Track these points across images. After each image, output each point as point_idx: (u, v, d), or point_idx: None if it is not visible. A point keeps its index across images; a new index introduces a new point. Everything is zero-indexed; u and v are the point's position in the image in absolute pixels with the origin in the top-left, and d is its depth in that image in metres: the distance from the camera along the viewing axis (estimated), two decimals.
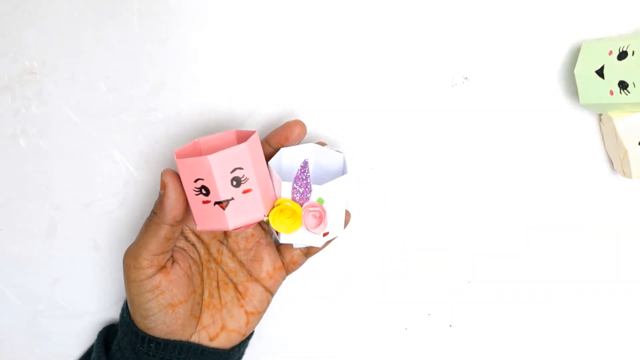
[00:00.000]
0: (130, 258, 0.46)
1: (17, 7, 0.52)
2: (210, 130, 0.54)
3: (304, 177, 0.45)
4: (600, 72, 0.50)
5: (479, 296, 0.57)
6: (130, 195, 0.56)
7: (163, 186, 0.45)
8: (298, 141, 0.50)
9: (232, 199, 0.44)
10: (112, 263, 0.57)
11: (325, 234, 0.47)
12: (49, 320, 0.58)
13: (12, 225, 0.56)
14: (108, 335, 0.54)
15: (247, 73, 0.53)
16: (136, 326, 0.48)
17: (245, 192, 0.44)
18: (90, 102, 0.54)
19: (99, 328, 0.58)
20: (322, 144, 0.50)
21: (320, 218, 0.46)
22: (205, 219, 0.45)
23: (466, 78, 0.53)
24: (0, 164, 0.55)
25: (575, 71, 0.52)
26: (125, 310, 0.50)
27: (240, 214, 0.44)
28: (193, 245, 0.50)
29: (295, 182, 0.45)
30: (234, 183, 0.44)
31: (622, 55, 0.49)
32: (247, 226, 0.45)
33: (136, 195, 0.56)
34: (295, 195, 0.46)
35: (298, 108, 0.54)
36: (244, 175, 0.44)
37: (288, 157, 0.49)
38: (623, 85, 0.49)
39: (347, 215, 0.51)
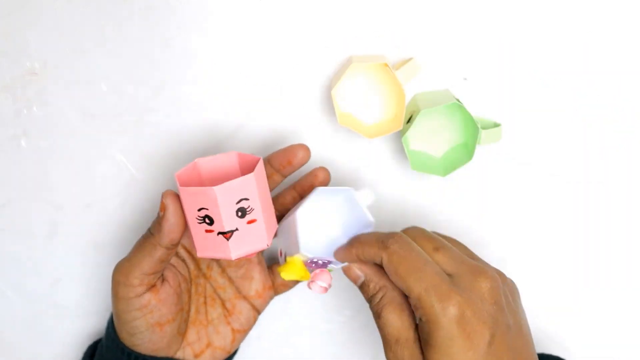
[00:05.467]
0: (121, 274, 0.45)
1: (18, 8, 0.53)
2: (209, 130, 0.55)
3: (321, 264, 0.45)
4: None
5: None
6: (130, 196, 0.56)
7: (162, 208, 0.43)
8: (301, 165, 0.48)
9: (237, 229, 0.43)
10: (112, 263, 0.56)
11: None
12: (49, 320, 0.58)
13: (13, 225, 0.56)
14: (95, 351, 0.53)
15: (247, 73, 0.54)
16: (122, 342, 0.47)
17: (249, 222, 0.43)
18: (91, 102, 0.54)
19: (99, 328, 0.58)
20: (326, 176, 0.48)
21: (326, 289, 0.46)
22: (207, 247, 0.44)
23: (466, 79, 0.53)
24: (1, 165, 0.55)
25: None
26: (111, 326, 0.49)
27: (244, 244, 0.43)
28: (183, 261, 0.49)
29: (312, 262, 0.45)
30: (239, 214, 0.43)
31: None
32: (249, 256, 0.45)
33: (137, 195, 0.56)
34: (308, 267, 0.46)
35: (298, 108, 0.54)
36: (249, 206, 0.43)
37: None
38: None
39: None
